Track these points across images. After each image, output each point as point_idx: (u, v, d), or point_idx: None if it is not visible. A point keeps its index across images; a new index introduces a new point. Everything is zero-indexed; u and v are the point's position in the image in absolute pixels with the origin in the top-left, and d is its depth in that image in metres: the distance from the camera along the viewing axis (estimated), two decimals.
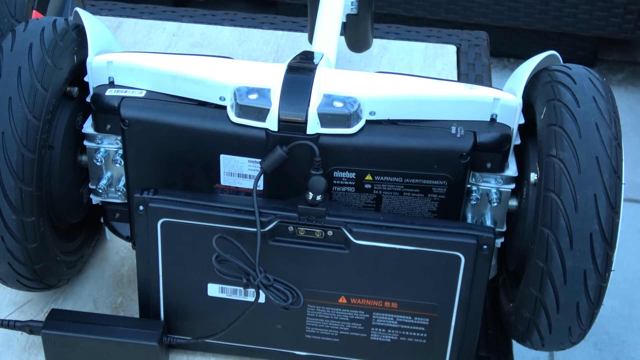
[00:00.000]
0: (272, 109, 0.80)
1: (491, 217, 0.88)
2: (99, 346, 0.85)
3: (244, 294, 0.86)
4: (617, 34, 2.25)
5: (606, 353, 1.64)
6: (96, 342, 0.85)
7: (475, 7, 2.26)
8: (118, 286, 0.98)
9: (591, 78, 0.82)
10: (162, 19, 1.45)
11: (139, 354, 0.85)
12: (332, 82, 0.83)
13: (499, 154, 0.84)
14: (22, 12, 1.03)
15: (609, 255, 0.77)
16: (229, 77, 0.84)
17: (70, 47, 0.86)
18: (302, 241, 0.82)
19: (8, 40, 0.84)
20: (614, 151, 0.77)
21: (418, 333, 0.86)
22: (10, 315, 0.95)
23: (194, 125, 0.83)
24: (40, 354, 0.91)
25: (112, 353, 0.85)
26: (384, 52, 1.39)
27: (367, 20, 1.21)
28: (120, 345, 0.84)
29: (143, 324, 0.87)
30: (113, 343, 0.84)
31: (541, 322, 0.81)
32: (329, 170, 0.83)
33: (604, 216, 0.76)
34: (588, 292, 0.78)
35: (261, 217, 0.81)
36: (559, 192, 0.76)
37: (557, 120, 0.79)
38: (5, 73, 0.81)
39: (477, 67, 1.37)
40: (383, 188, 0.84)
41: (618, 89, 2.35)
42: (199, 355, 0.91)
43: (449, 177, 0.83)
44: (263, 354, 0.89)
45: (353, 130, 0.81)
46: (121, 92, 0.87)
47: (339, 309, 0.86)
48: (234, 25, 1.44)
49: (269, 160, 0.81)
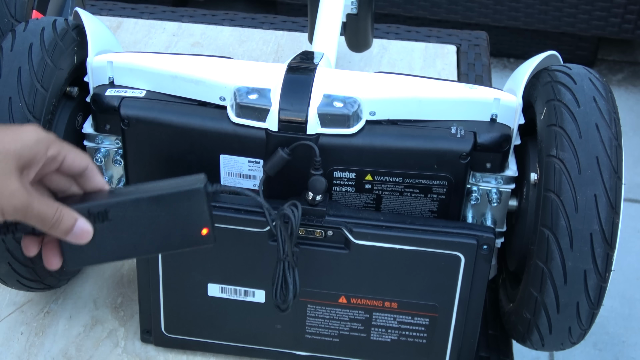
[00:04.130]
0: (272, 109, 0.80)
1: (491, 217, 0.88)
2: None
3: (244, 294, 0.86)
4: (617, 34, 2.25)
5: (606, 353, 1.64)
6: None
7: (475, 7, 2.26)
8: (118, 286, 0.98)
9: (591, 78, 0.82)
10: (162, 19, 1.46)
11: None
12: (332, 82, 0.83)
13: (499, 154, 0.84)
14: (22, 12, 1.03)
15: (609, 255, 0.77)
16: (229, 77, 0.84)
17: (70, 47, 0.86)
18: (302, 241, 0.82)
19: (8, 40, 0.84)
20: (614, 151, 0.77)
21: (418, 333, 0.86)
22: (10, 315, 0.95)
23: (194, 125, 0.83)
24: (40, 354, 0.91)
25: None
26: (384, 52, 1.39)
27: (367, 20, 1.21)
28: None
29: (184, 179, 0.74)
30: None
31: (541, 322, 0.81)
32: (329, 170, 0.83)
33: (604, 216, 0.76)
34: (588, 292, 0.78)
35: (261, 217, 0.81)
36: (559, 193, 0.76)
37: (557, 120, 0.79)
38: (5, 73, 0.81)
39: (477, 67, 1.37)
40: (383, 188, 0.84)
41: (618, 89, 2.34)
42: (199, 355, 0.91)
43: (449, 177, 0.83)
44: (263, 354, 0.89)
45: (353, 131, 0.81)
46: (121, 92, 0.87)
47: (339, 309, 0.86)
48: (234, 25, 1.44)
49: (272, 162, 0.81)
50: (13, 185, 0.63)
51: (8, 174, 0.63)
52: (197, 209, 0.69)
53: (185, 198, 0.69)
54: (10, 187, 0.63)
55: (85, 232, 0.67)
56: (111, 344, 0.92)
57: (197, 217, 0.69)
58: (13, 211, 0.63)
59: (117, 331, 0.93)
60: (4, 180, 0.63)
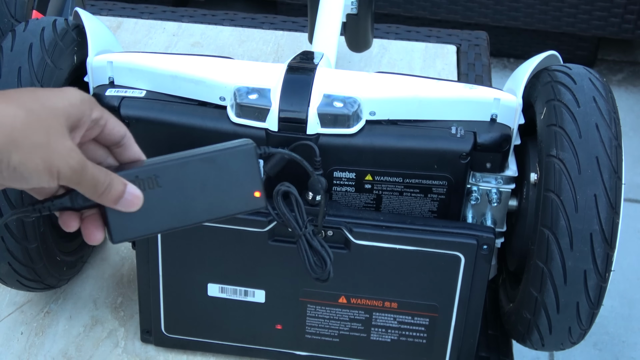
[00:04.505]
0: (272, 109, 0.80)
1: (491, 217, 0.88)
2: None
3: (244, 294, 0.86)
4: (617, 34, 2.25)
5: (606, 353, 1.64)
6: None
7: (475, 7, 2.26)
8: (118, 286, 0.98)
9: (591, 78, 0.82)
10: (162, 19, 1.46)
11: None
12: (332, 82, 0.83)
13: (499, 154, 0.84)
14: (22, 12, 1.03)
15: (609, 255, 0.77)
16: (229, 77, 0.84)
17: (70, 47, 0.86)
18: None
19: (8, 40, 0.84)
20: (614, 151, 0.77)
21: (418, 333, 0.86)
22: (10, 315, 0.95)
23: (194, 125, 0.83)
24: (40, 354, 0.91)
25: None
26: (384, 52, 1.39)
27: (367, 20, 1.21)
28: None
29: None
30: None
31: (541, 322, 0.81)
32: (329, 170, 0.83)
33: (604, 216, 0.76)
34: (588, 292, 0.78)
35: (260, 217, 0.81)
36: (559, 192, 0.76)
37: (557, 120, 0.79)
38: (5, 73, 0.81)
39: (477, 67, 1.37)
40: (383, 188, 0.84)
41: (618, 89, 2.34)
42: (199, 355, 0.91)
43: (449, 177, 0.83)
44: (263, 354, 0.89)
45: (353, 131, 0.81)
46: (121, 92, 0.87)
47: (339, 309, 0.86)
48: (234, 25, 1.44)
49: (272, 163, 0.80)
50: (68, 143, 0.57)
51: (61, 132, 0.57)
52: (248, 169, 0.66)
53: (236, 157, 0.66)
54: (66, 145, 0.56)
55: (136, 197, 0.61)
56: (111, 344, 0.92)
57: (248, 178, 0.66)
58: (70, 172, 0.56)
59: (117, 331, 0.93)
60: (58, 138, 0.56)
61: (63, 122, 0.57)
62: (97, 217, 0.63)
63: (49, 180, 0.56)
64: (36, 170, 0.55)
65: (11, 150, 0.54)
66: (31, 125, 0.55)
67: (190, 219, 0.66)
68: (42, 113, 0.56)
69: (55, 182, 0.57)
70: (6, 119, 0.54)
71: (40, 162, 0.55)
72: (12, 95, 0.56)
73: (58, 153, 0.56)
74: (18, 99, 0.56)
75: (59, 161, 0.56)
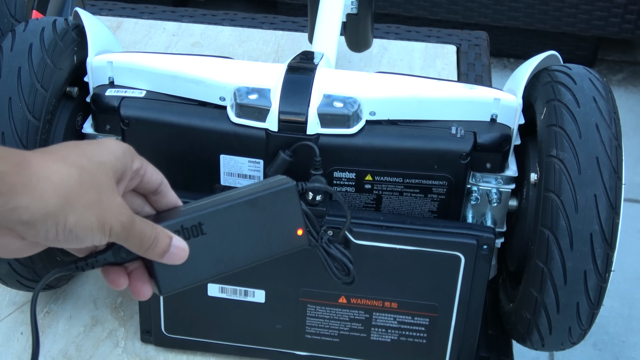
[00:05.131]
0: (272, 109, 0.80)
1: (491, 217, 0.88)
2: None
3: (244, 294, 0.86)
4: (617, 34, 2.25)
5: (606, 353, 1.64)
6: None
7: (475, 7, 2.26)
8: None
9: (591, 78, 0.82)
10: (162, 19, 1.46)
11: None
12: (332, 82, 0.83)
13: (499, 154, 0.84)
14: (22, 12, 1.03)
15: (609, 255, 0.77)
16: (229, 77, 0.84)
17: (70, 47, 0.86)
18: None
19: (8, 40, 0.84)
20: (614, 151, 0.77)
21: (418, 333, 0.86)
22: (10, 315, 0.95)
23: (193, 125, 0.83)
24: (40, 354, 0.91)
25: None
26: (384, 52, 1.39)
27: (367, 20, 1.21)
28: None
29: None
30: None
31: (541, 323, 0.81)
32: (329, 170, 0.83)
33: (604, 216, 0.76)
34: (588, 293, 0.78)
35: None
36: (559, 193, 0.76)
37: (557, 120, 0.79)
38: (5, 73, 0.81)
39: (477, 67, 1.37)
40: (383, 188, 0.84)
41: (618, 89, 2.34)
42: (199, 355, 0.91)
43: (449, 177, 0.83)
44: (263, 354, 0.89)
45: (353, 131, 0.81)
46: (121, 92, 0.87)
47: (339, 309, 0.86)
48: (234, 25, 1.44)
49: (275, 166, 0.81)
50: (118, 200, 0.56)
51: (112, 188, 0.56)
52: (290, 208, 0.66)
53: (278, 198, 0.66)
54: (117, 202, 0.55)
55: (182, 250, 0.60)
56: (111, 344, 0.92)
57: (291, 218, 0.66)
58: (120, 228, 0.55)
59: (117, 331, 0.93)
60: (109, 195, 0.55)
61: (112, 176, 0.56)
62: (143, 271, 0.61)
63: (100, 239, 0.55)
64: (90, 230, 0.54)
65: (67, 212, 0.53)
66: (84, 184, 0.54)
67: (236, 263, 0.65)
68: (92, 169, 0.55)
69: (106, 239, 0.56)
70: (61, 179, 0.53)
71: (94, 220, 0.54)
72: (59, 152, 0.55)
73: (110, 210, 0.55)
74: (66, 157, 0.54)
75: (110, 218, 0.55)
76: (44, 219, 0.52)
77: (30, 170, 0.52)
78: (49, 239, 0.53)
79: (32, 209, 0.51)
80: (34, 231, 0.52)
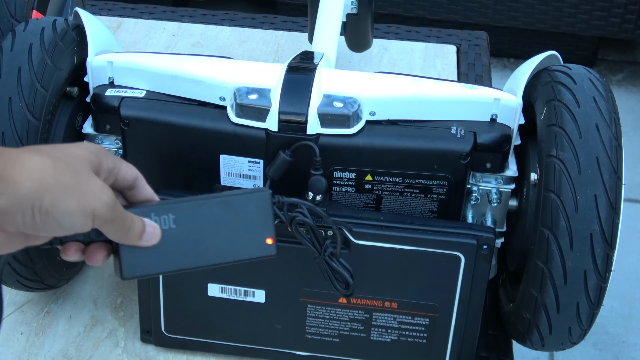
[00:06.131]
0: (272, 109, 0.80)
1: (491, 217, 0.88)
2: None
3: (244, 294, 0.86)
4: (617, 34, 2.25)
5: (606, 353, 1.64)
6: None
7: (475, 7, 2.26)
8: (118, 286, 0.98)
9: (591, 78, 0.82)
10: (162, 19, 1.46)
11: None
12: (332, 82, 0.83)
13: (499, 154, 0.84)
14: (22, 12, 1.03)
15: (609, 255, 0.77)
16: (229, 77, 0.84)
17: (70, 47, 0.86)
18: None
19: (8, 40, 0.84)
20: (614, 151, 0.77)
21: (418, 333, 0.86)
22: (10, 315, 0.95)
23: (194, 125, 0.83)
24: (40, 354, 0.91)
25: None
26: (384, 52, 1.39)
27: (367, 20, 1.21)
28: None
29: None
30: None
31: (541, 323, 0.81)
32: (329, 170, 0.83)
33: (604, 216, 0.76)
34: (588, 293, 0.78)
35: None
36: (559, 193, 0.76)
37: (557, 120, 0.79)
38: (5, 73, 0.81)
39: (477, 67, 1.37)
40: (383, 188, 0.84)
41: (618, 89, 2.34)
42: (199, 355, 0.91)
43: (449, 177, 0.83)
44: (263, 354, 0.89)
45: (353, 131, 0.81)
46: (121, 92, 0.87)
47: (339, 309, 0.86)
48: (234, 25, 1.44)
49: (275, 166, 0.81)
50: (98, 182, 0.57)
51: (89, 173, 0.57)
52: (263, 215, 0.67)
53: (252, 202, 0.66)
54: (97, 183, 0.56)
55: (156, 228, 0.62)
56: (111, 344, 0.92)
57: (262, 225, 0.67)
58: (105, 209, 0.56)
59: (117, 331, 0.93)
60: (88, 178, 0.56)
61: (87, 165, 0.57)
62: (101, 244, 0.62)
63: (83, 222, 0.56)
64: (69, 212, 0.54)
65: (43, 194, 0.53)
66: (58, 168, 0.55)
67: (200, 261, 0.66)
68: (66, 159, 0.56)
69: (90, 222, 0.56)
70: (35, 165, 0.54)
71: (72, 202, 0.54)
72: (35, 149, 0.56)
73: (90, 192, 0.56)
74: (40, 149, 0.56)
75: (92, 201, 0.55)
76: (20, 203, 0.52)
77: (4, 159, 0.53)
78: (27, 225, 0.54)
79: (7, 195, 0.52)
80: (11, 217, 0.53)
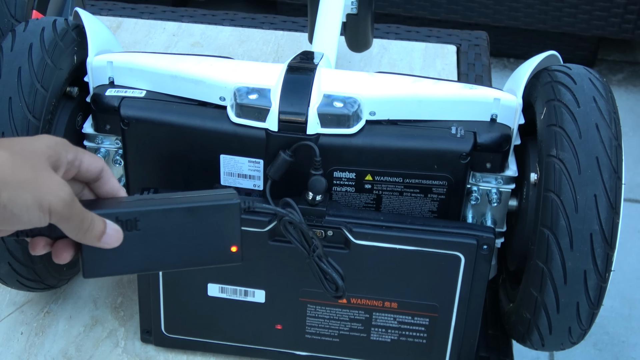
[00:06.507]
0: (272, 109, 0.80)
1: (491, 217, 0.88)
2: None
3: (244, 294, 0.86)
4: (617, 34, 2.25)
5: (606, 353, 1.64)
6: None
7: (475, 7, 2.26)
8: (118, 286, 0.98)
9: (591, 78, 0.82)
10: (162, 19, 1.46)
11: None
12: (332, 82, 0.83)
13: (499, 154, 0.84)
14: (22, 12, 1.03)
15: (609, 255, 0.77)
16: (229, 77, 0.84)
17: (70, 47, 0.86)
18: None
19: (8, 40, 0.84)
20: (614, 151, 0.77)
21: (418, 333, 0.86)
22: (10, 315, 0.95)
23: (194, 125, 0.83)
24: (40, 354, 0.91)
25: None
26: (384, 52, 1.39)
27: (367, 20, 1.21)
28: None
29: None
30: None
31: (541, 323, 0.81)
32: (329, 170, 0.83)
33: (604, 216, 0.76)
34: (588, 293, 0.78)
35: (260, 217, 0.81)
36: (559, 193, 0.76)
37: (557, 120, 0.79)
38: (5, 73, 0.81)
39: (477, 67, 1.37)
40: (383, 188, 0.84)
41: (618, 89, 2.35)
42: (199, 355, 0.91)
43: (449, 177, 0.83)
44: (263, 354, 0.89)
45: (353, 131, 0.81)
46: (121, 92, 0.87)
47: (339, 309, 0.86)
48: (234, 25, 1.44)
49: (275, 166, 0.81)
50: (56, 178, 0.57)
51: (47, 168, 0.57)
52: (229, 224, 0.67)
53: (219, 212, 0.66)
54: (55, 179, 0.56)
55: (118, 231, 0.62)
56: (111, 344, 0.92)
57: (228, 233, 0.67)
58: (62, 205, 0.56)
59: (117, 331, 0.93)
60: (46, 174, 0.56)
61: (45, 160, 0.58)
62: (68, 242, 0.63)
63: (39, 217, 0.56)
64: (26, 206, 0.55)
65: (0, 187, 0.54)
66: (16, 163, 0.55)
67: (163, 265, 0.66)
68: (25, 154, 0.57)
69: (47, 217, 0.57)
70: None
71: (29, 196, 0.55)
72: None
73: (47, 187, 0.56)
74: (1, 144, 0.56)
75: (49, 195, 0.56)
76: None
77: None
78: None
79: None
80: None
